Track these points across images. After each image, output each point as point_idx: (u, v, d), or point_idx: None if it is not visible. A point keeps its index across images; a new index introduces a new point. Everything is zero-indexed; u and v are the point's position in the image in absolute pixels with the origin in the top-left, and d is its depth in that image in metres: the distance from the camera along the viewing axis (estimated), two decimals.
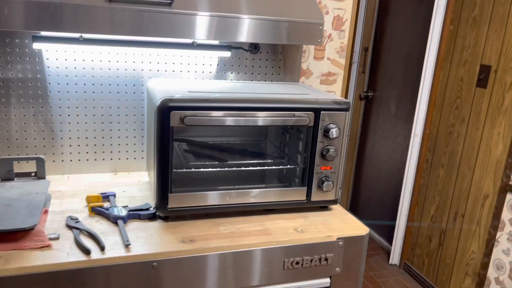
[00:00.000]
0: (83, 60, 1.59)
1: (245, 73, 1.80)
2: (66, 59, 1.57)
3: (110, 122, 1.67)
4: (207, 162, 1.51)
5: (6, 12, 1.26)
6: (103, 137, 1.68)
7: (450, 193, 2.69)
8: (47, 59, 1.55)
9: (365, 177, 3.73)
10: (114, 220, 1.30)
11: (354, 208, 3.92)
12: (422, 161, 2.91)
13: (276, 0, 1.58)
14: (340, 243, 1.35)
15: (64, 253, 1.14)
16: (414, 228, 3.03)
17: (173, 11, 1.41)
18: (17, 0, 1.25)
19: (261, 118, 1.33)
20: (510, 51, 2.25)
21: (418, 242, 3.00)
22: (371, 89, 3.62)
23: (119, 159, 1.72)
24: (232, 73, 1.78)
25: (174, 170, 1.33)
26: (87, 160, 1.68)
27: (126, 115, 1.69)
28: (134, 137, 1.72)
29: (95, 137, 1.67)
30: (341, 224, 1.41)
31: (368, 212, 3.71)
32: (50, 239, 1.19)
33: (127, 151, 1.72)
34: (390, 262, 3.21)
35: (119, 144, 1.70)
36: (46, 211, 1.30)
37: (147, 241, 1.22)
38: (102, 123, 1.66)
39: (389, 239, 3.38)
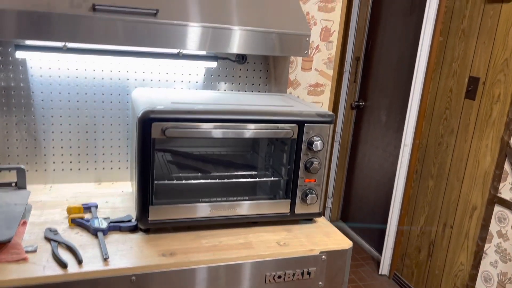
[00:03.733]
0: (68, 69, 1.57)
1: (232, 83, 1.79)
2: (50, 68, 1.55)
3: (95, 131, 1.66)
4: (190, 174, 1.50)
5: None
6: (87, 146, 1.66)
7: (439, 204, 2.69)
8: (31, 67, 1.53)
9: (356, 186, 3.73)
10: (94, 232, 1.29)
11: (345, 216, 3.91)
12: (411, 171, 2.91)
13: (264, 11, 1.58)
14: (323, 257, 1.34)
15: (40, 267, 1.12)
16: (404, 239, 3.02)
17: (158, 21, 1.40)
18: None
19: (244, 131, 1.32)
20: (498, 63, 2.26)
21: (407, 252, 2.99)
22: (362, 98, 3.63)
23: (103, 168, 1.70)
24: (219, 83, 1.77)
25: (156, 181, 1.32)
26: (71, 169, 1.66)
27: (111, 124, 1.67)
28: (119, 146, 1.70)
29: (79, 146, 1.65)
30: (324, 238, 1.40)
31: (359, 221, 3.70)
32: (27, 251, 1.17)
33: (111, 161, 1.70)
34: (379, 273, 3.20)
35: (103, 154, 1.69)
36: (24, 223, 1.28)
37: (127, 254, 1.21)
38: (87, 132, 1.65)
39: (379, 249, 3.37)
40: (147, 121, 1.22)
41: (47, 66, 1.55)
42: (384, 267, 3.18)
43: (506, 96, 2.21)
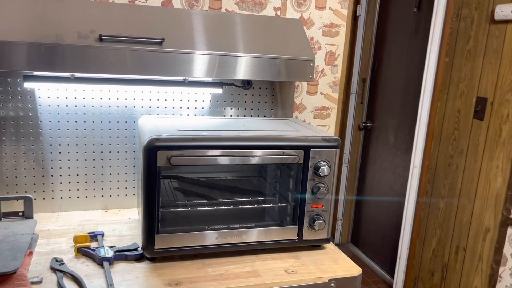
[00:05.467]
0: (75, 98, 1.60)
1: (238, 109, 1.80)
2: (58, 97, 1.58)
3: (102, 159, 1.67)
4: (196, 201, 1.49)
5: None
6: (94, 174, 1.67)
7: (451, 226, 2.64)
8: (39, 97, 1.56)
9: (366, 208, 3.68)
10: (100, 261, 1.28)
11: (356, 240, 3.85)
12: (422, 193, 2.87)
13: (268, 37, 1.60)
14: (332, 284, 1.31)
15: None
16: (416, 262, 2.96)
17: (164, 50, 1.42)
18: (8, 41, 1.27)
19: (250, 157, 1.32)
20: (506, 83, 2.24)
21: (420, 276, 2.93)
22: (369, 119, 3.62)
23: (110, 196, 1.70)
24: (225, 108, 1.78)
25: (162, 209, 1.31)
26: (78, 197, 1.66)
27: (118, 151, 1.68)
28: (126, 173, 1.70)
29: (86, 174, 1.66)
30: (333, 265, 1.37)
31: (369, 244, 3.64)
32: (33, 282, 1.16)
33: (118, 188, 1.71)
34: None
35: (110, 181, 1.69)
36: (30, 253, 1.28)
37: (132, 284, 1.19)
38: (94, 160, 1.66)
39: (391, 273, 3.30)
40: (152, 149, 1.22)
41: (55, 95, 1.57)
42: None
43: None
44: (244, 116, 1.81)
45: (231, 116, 1.79)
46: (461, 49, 2.54)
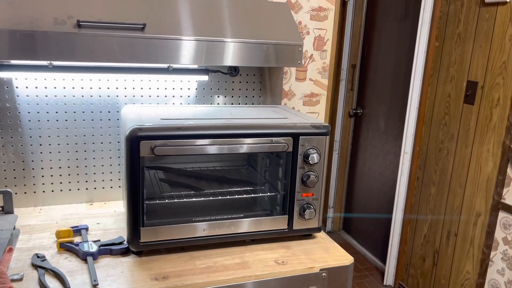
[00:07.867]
0: (54, 87, 1.53)
1: (225, 96, 1.75)
2: (36, 87, 1.51)
3: (85, 151, 1.61)
4: (182, 192, 1.45)
5: None
6: (77, 166, 1.61)
7: (442, 211, 2.63)
8: (17, 87, 1.49)
9: (357, 195, 3.67)
10: (84, 256, 1.23)
11: (347, 227, 3.85)
12: (413, 179, 2.86)
13: (254, 22, 1.55)
14: (323, 274, 1.28)
15: None
16: (408, 248, 2.96)
17: (146, 36, 1.36)
18: None
19: (237, 146, 1.27)
20: (496, 67, 2.22)
21: (412, 262, 2.93)
22: (360, 106, 3.59)
23: (95, 188, 1.65)
24: (212, 96, 1.73)
25: (147, 201, 1.27)
26: (61, 190, 1.61)
27: (101, 142, 1.63)
28: (110, 165, 1.65)
29: (69, 166, 1.60)
30: (324, 254, 1.34)
31: (361, 231, 3.64)
32: (13, 280, 1.11)
33: (103, 180, 1.66)
34: (384, 283, 3.13)
35: (94, 173, 1.64)
36: (10, 249, 1.23)
37: (117, 279, 1.15)
38: (76, 151, 1.60)
39: (383, 259, 3.31)
40: (135, 140, 1.18)
41: (33, 85, 1.51)
42: (389, 278, 3.11)
43: (506, 100, 2.17)
44: (232, 104, 1.76)
45: (218, 104, 1.74)
46: (451, 32, 2.51)
